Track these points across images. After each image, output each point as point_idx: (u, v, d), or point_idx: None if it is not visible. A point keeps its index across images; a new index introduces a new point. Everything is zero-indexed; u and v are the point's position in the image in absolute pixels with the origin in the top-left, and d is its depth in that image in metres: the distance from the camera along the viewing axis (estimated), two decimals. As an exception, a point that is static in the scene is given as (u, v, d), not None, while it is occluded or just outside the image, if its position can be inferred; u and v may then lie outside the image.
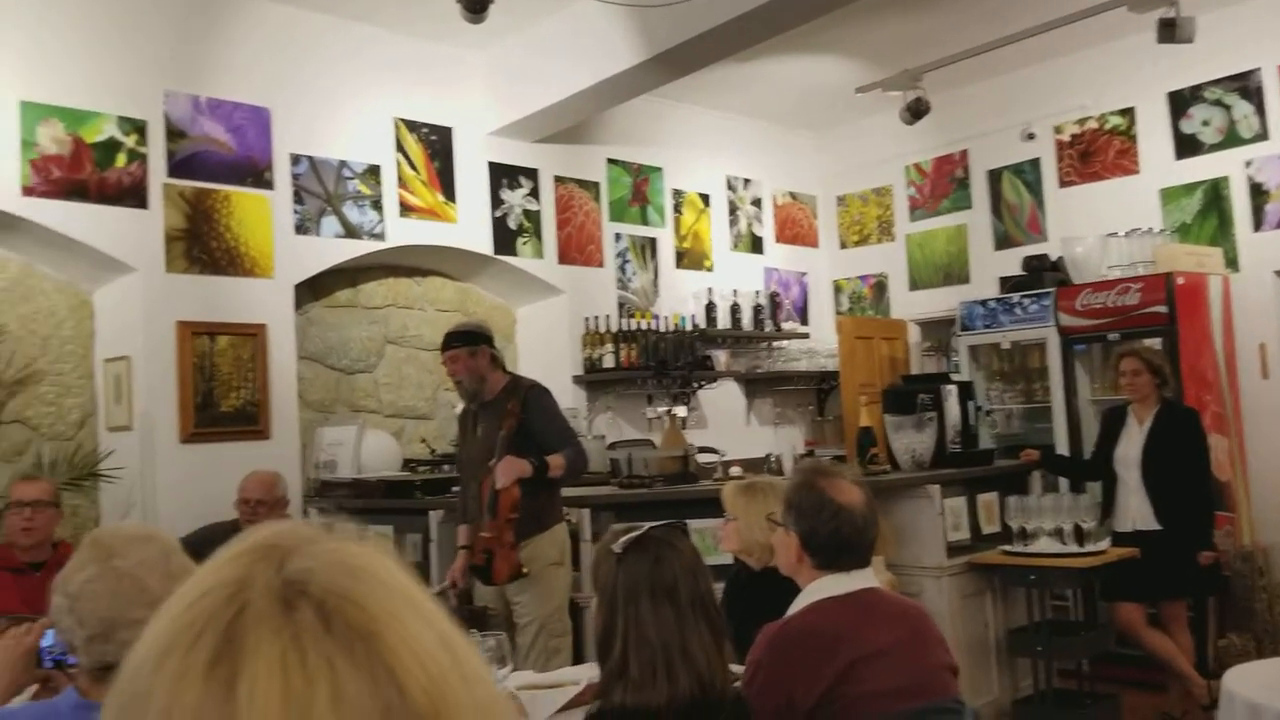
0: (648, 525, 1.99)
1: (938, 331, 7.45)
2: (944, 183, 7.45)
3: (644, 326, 6.47)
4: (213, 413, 4.93)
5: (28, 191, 4.46)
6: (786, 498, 2.21)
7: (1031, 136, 6.80)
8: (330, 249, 5.45)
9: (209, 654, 0.53)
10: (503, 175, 6.19)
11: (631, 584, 1.93)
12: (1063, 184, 6.80)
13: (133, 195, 4.76)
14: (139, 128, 4.79)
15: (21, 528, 3.74)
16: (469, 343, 4.06)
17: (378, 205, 5.63)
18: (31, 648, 2.04)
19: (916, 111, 6.11)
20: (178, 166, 4.91)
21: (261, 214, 5.17)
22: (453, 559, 4.23)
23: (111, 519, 4.85)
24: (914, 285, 7.60)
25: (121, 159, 4.73)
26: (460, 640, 0.58)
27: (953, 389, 5.08)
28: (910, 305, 7.60)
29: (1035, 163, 6.91)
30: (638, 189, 6.94)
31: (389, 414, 6.08)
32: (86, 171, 4.63)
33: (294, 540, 0.60)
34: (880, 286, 7.80)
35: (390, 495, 4.96)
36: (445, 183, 5.91)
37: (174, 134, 4.91)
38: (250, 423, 5.04)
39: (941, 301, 7.29)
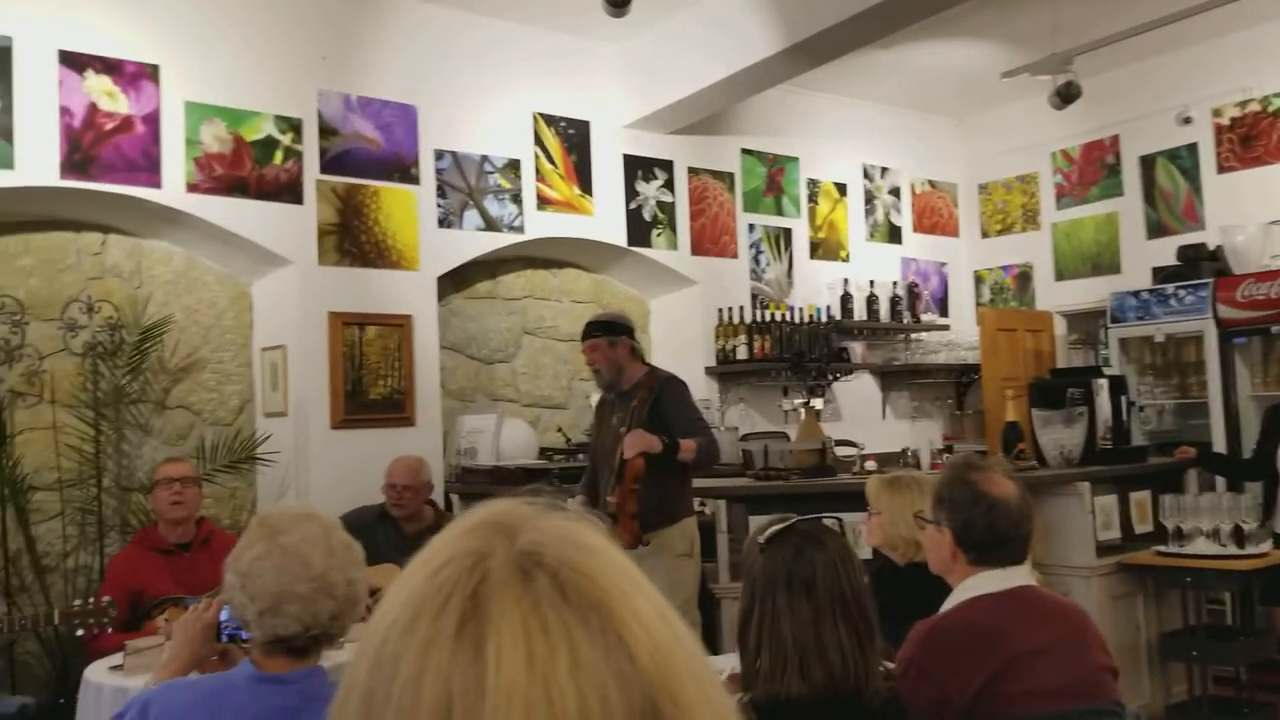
0: (795, 518, 1.97)
1: (1085, 324, 7.18)
2: (1093, 169, 7.17)
3: (778, 318, 6.42)
4: (361, 400, 5.11)
5: (192, 188, 4.70)
6: (937, 493, 2.16)
7: (1188, 120, 6.48)
8: (471, 242, 5.58)
9: (456, 619, 0.56)
10: (637, 167, 6.23)
11: (770, 575, 1.92)
12: (1221, 169, 6.46)
13: (289, 191, 4.96)
14: (295, 126, 4.99)
15: (172, 501, 3.91)
16: (609, 333, 4.10)
17: (517, 199, 5.74)
18: (211, 622, 2.15)
19: (1066, 96, 5.89)
20: (330, 163, 5.09)
21: (407, 208, 5.33)
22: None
23: (267, 501, 5.08)
24: (1060, 276, 7.34)
25: (278, 156, 4.94)
26: (675, 615, 0.60)
27: (1104, 383, 4.89)
28: (1056, 296, 7.35)
29: (1192, 148, 6.59)
30: (772, 179, 6.89)
31: (526, 403, 6.19)
32: (246, 169, 4.85)
33: (520, 516, 0.62)
34: (1024, 277, 7.56)
35: (529, 483, 5.05)
36: (582, 176, 5.98)
37: (326, 132, 5.09)
38: (396, 410, 5.21)
39: (1090, 293, 7.02)
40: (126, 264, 4.91)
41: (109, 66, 4.51)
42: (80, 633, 3.57)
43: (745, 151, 6.76)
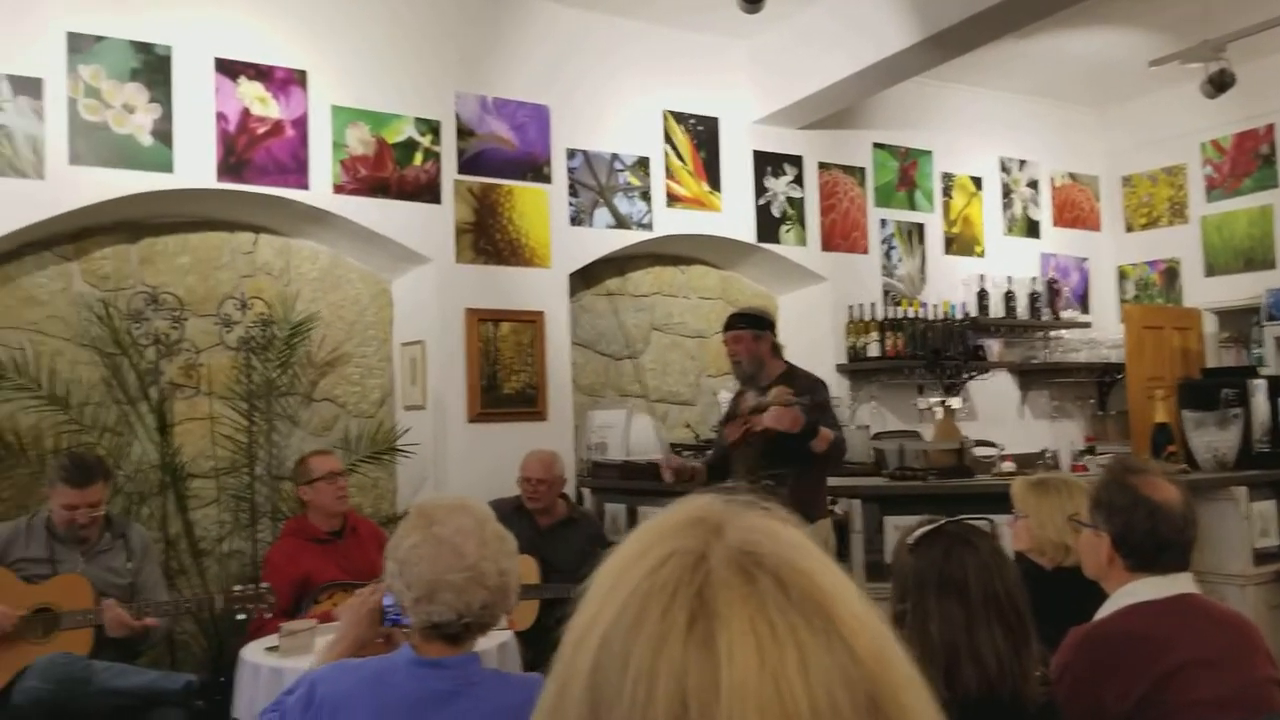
0: (944, 519, 1.94)
1: (1237, 321, 6.85)
2: (1246, 160, 6.83)
3: (911, 314, 6.31)
4: (496, 394, 5.23)
5: (338, 189, 4.87)
6: (1095, 496, 2.09)
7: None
8: (602, 239, 5.64)
9: (685, 617, 0.56)
10: (767, 163, 6.20)
11: (919, 577, 1.89)
12: (1393, 157, 6.08)
13: (428, 191, 5.10)
14: (434, 128, 5.13)
15: (337, 495, 4.13)
16: (754, 326, 4.10)
17: (646, 196, 5.78)
18: (376, 606, 2.23)
19: (1220, 84, 5.63)
20: (466, 164, 5.22)
21: (540, 207, 5.42)
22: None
23: (406, 492, 5.24)
24: (1210, 271, 7.01)
25: (418, 158, 5.09)
26: (881, 616, 0.60)
27: (1261, 383, 4.66)
28: (1206, 293, 7.03)
29: (1359, 134, 6.21)
30: (905, 173, 6.77)
31: (654, 399, 6.23)
32: (388, 170, 5.00)
33: (723, 513, 0.63)
34: (1171, 273, 7.25)
35: (659, 478, 5.07)
36: (710, 172, 5.99)
37: (464, 133, 5.22)
38: (529, 405, 5.31)
39: (1243, 289, 6.69)
40: (276, 262, 5.12)
41: (261, 73, 4.71)
42: (241, 616, 3.75)
43: (877, 146, 6.66)
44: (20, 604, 3.62)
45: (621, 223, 5.69)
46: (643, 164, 5.77)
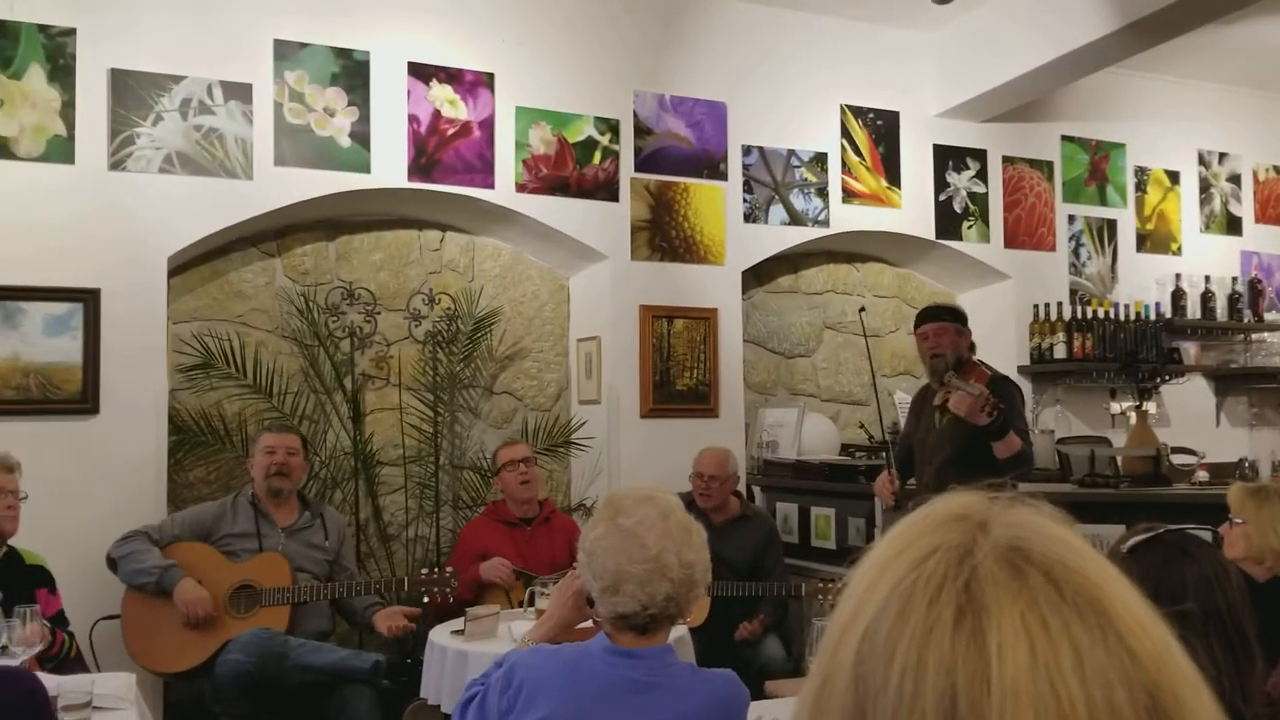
0: (1164, 527, 1.84)
1: None
2: None
3: (1101, 315, 6.02)
4: (669, 390, 5.26)
5: (520, 188, 5.00)
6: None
7: None
8: (776, 236, 5.61)
9: (953, 611, 0.56)
10: (948, 157, 6.03)
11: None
12: None
13: (606, 189, 5.18)
14: (612, 127, 5.20)
15: (521, 480, 4.32)
16: (958, 320, 4.02)
17: (822, 192, 5.71)
18: (581, 590, 2.28)
19: None
20: (644, 162, 5.27)
21: (715, 204, 5.42)
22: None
23: (580, 484, 5.34)
24: None
25: (597, 156, 5.17)
26: (1158, 615, 0.58)
27: None
28: None
29: None
30: (1095, 167, 6.47)
31: (826, 398, 6.16)
32: (568, 169, 5.11)
33: (987, 509, 0.62)
34: (1393, 272, 6.69)
35: (832, 478, 5.02)
36: (889, 167, 5.87)
37: (641, 131, 5.28)
38: (701, 401, 5.33)
39: None
40: (461, 259, 5.30)
41: (450, 76, 4.88)
42: (425, 600, 3.92)
43: (1066, 138, 6.39)
44: (224, 580, 3.87)
45: (796, 219, 5.64)
46: (819, 160, 5.70)
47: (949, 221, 6.00)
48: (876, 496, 4.18)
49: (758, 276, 5.88)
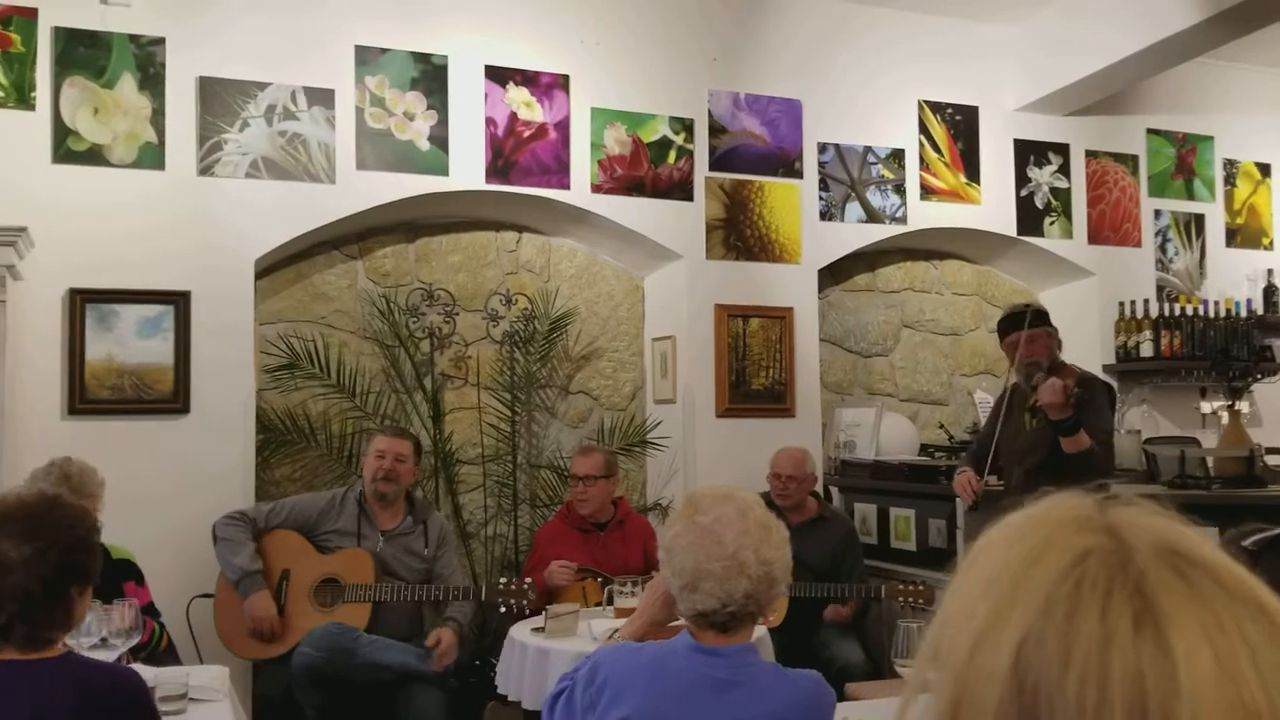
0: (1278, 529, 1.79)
1: None
2: None
3: (1189, 312, 5.86)
4: (744, 390, 5.25)
5: (595, 189, 5.03)
6: None
7: None
8: (852, 234, 5.56)
9: (1130, 617, 0.56)
10: (1029, 152, 5.91)
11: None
12: None
13: (680, 189, 5.18)
14: (687, 126, 5.20)
15: (579, 498, 4.34)
16: (1049, 323, 3.96)
17: (899, 189, 5.64)
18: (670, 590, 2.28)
19: None
20: (718, 160, 5.26)
21: (791, 202, 5.39)
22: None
23: (656, 483, 5.35)
24: None
25: (671, 156, 5.18)
26: None
27: None
28: None
29: None
30: (1183, 160, 6.30)
31: (904, 398, 6.08)
32: (643, 169, 5.12)
33: (1110, 512, 0.62)
34: None
35: (912, 479, 4.96)
36: (968, 163, 5.77)
37: (715, 130, 5.27)
38: (777, 401, 5.30)
39: None
40: (537, 260, 5.35)
41: (527, 79, 4.92)
42: (503, 610, 3.91)
43: (1151, 131, 6.23)
44: (311, 572, 3.95)
45: (873, 217, 5.59)
46: (897, 156, 5.64)
47: (1030, 217, 5.89)
48: (957, 495, 4.11)
49: (834, 275, 5.84)
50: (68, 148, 4.17)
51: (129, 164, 4.24)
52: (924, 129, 5.71)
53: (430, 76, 4.75)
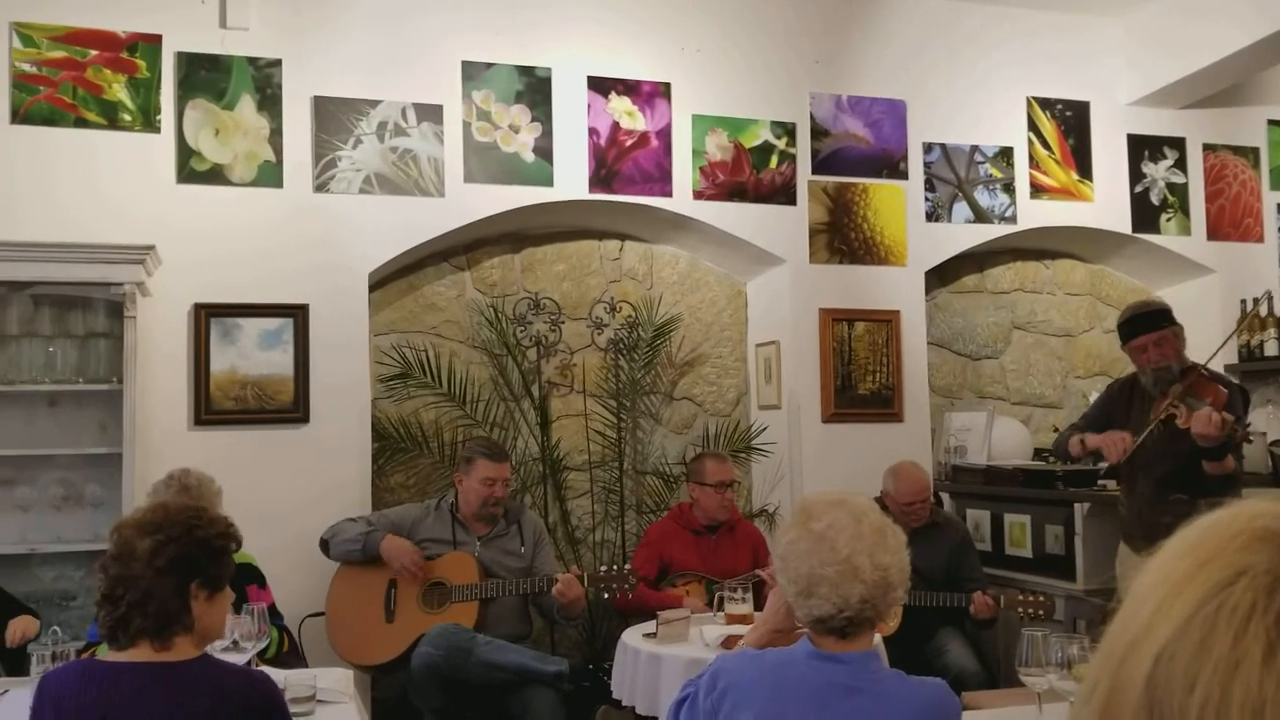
0: None
1: None
2: None
3: (1319, 309, 5.60)
4: (850, 395, 5.19)
5: (697, 195, 5.03)
6: None
7: None
8: (960, 235, 5.46)
9: (1262, 646, 0.53)
10: (1144, 147, 5.73)
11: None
12: None
13: (783, 193, 5.16)
14: (789, 130, 5.17)
15: (722, 504, 4.36)
16: (1174, 323, 3.83)
17: (1009, 188, 5.52)
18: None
19: None
20: (821, 164, 5.22)
21: (896, 204, 5.32)
22: (1099, 554, 4.02)
23: (761, 490, 5.32)
24: None
25: (774, 161, 5.15)
26: None
27: None
28: None
29: None
30: (1309, 151, 6.03)
31: (1015, 401, 5.94)
32: (745, 174, 5.11)
33: None
34: None
35: (1027, 485, 4.84)
36: (1080, 160, 5.62)
37: (818, 133, 5.23)
38: (885, 406, 5.23)
39: None
40: (640, 267, 5.38)
41: (629, 88, 4.96)
42: (606, 596, 3.98)
43: (1273, 123, 5.98)
44: (418, 577, 4.03)
45: (981, 217, 5.48)
46: (1005, 154, 5.52)
47: (1146, 214, 5.71)
48: (1102, 449, 3.77)
49: (941, 277, 5.74)
50: (191, 168, 4.34)
51: (248, 183, 4.40)
52: (1033, 126, 5.58)
53: (534, 89, 4.82)
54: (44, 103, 4.19)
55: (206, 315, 4.29)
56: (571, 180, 4.83)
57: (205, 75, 4.38)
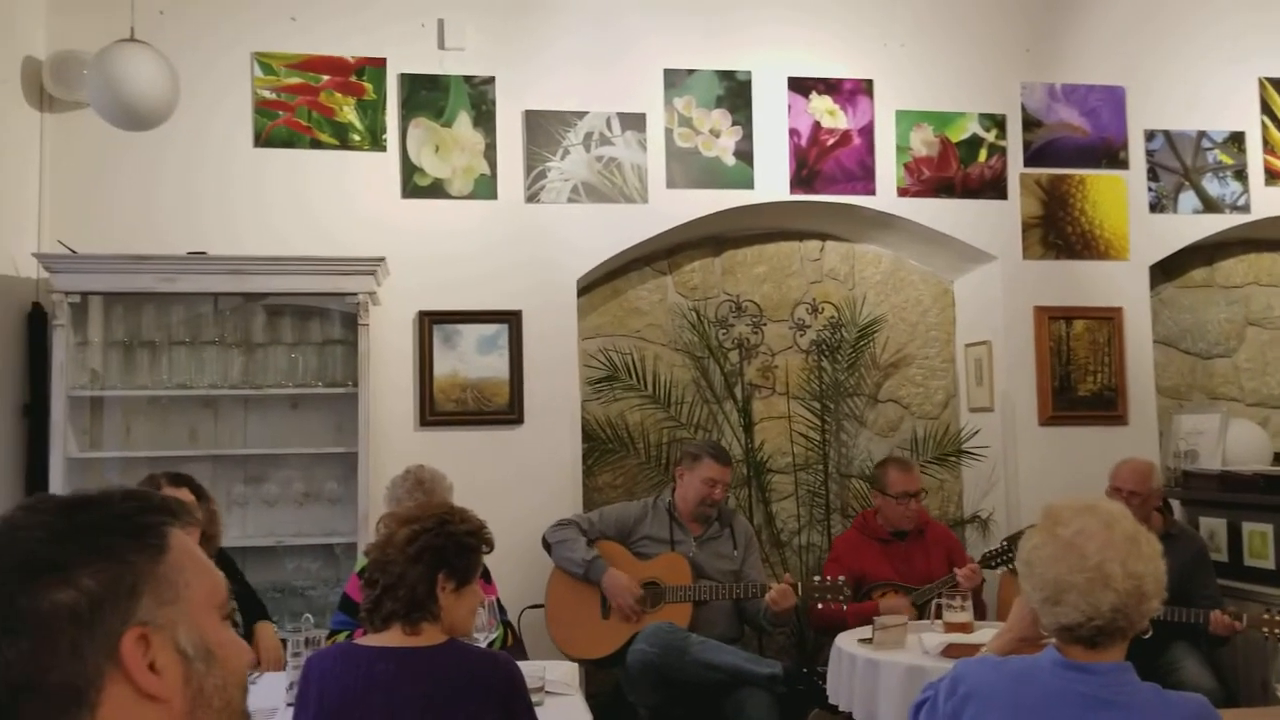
0: None
1: None
2: None
3: None
4: (1070, 396, 4.96)
5: (902, 192, 4.93)
6: None
7: None
8: (1187, 226, 5.14)
9: None
10: (1399, 125, 5.24)
11: None
12: None
13: (992, 188, 4.99)
14: (998, 123, 5.00)
15: (905, 515, 4.27)
16: None
17: (1240, 175, 5.16)
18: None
19: None
20: (1033, 156, 5.03)
21: (1116, 195, 5.06)
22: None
23: (972, 495, 5.16)
24: None
25: (982, 154, 4.99)
26: None
27: None
28: None
29: None
30: None
31: (1250, 402, 5.55)
32: (952, 169, 4.97)
33: None
34: None
35: (1267, 491, 4.50)
36: (1323, 141, 5.20)
37: (1030, 124, 5.03)
38: (1107, 407, 4.98)
39: None
40: (841, 267, 5.31)
41: (829, 87, 4.91)
42: (820, 606, 3.94)
43: None
44: (633, 577, 4.11)
45: (1211, 206, 5.14)
46: (1236, 140, 5.17)
47: (1403, 197, 5.22)
48: None
49: (1166, 271, 5.42)
50: (414, 183, 4.57)
51: (466, 195, 4.59)
52: (1266, 108, 5.20)
53: (734, 93, 4.83)
54: (283, 126, 4.51)
55: (430, 322, 4.51)
56: (772, 182, 4.82)
57: (425, 95, 4.61)
